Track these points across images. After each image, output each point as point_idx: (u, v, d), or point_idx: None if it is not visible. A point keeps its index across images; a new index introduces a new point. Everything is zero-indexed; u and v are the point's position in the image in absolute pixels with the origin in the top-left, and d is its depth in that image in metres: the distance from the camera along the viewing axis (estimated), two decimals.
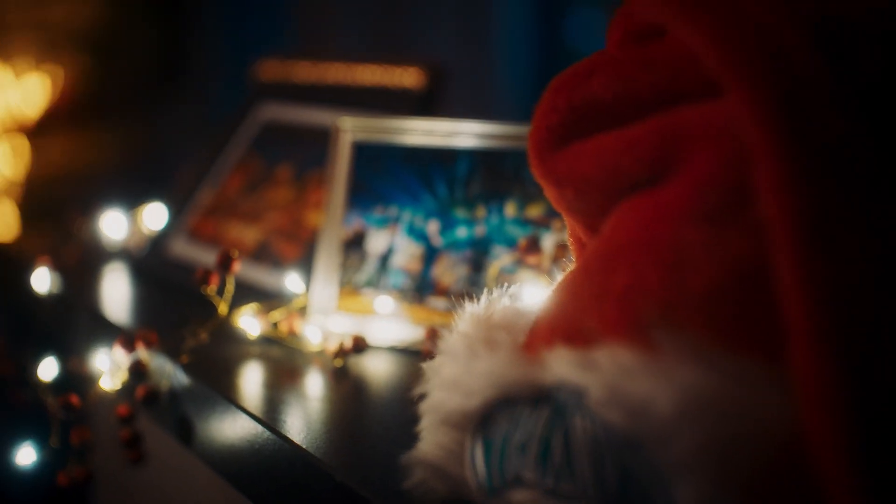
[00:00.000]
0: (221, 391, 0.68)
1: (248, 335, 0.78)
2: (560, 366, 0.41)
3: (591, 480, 0.40)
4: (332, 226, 0.81)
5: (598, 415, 0.39)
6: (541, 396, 0.42)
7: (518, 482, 0.43)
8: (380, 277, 0.79)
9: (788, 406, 0.36)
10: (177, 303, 0.93)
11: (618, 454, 0.39)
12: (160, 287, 0.99)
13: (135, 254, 1.07)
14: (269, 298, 0.84)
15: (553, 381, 0.42)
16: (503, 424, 0.44)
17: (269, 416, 0.63)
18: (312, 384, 0.70)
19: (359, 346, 0.73)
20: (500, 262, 0.75)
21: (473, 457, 0.45)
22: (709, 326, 0.39)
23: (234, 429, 0.65)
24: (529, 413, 0.43)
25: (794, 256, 0.36)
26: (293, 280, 0.81)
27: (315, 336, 0.76)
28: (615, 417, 0.38)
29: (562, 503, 0.41)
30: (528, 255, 0.74)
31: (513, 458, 0.43)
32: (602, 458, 0.39)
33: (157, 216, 1.08)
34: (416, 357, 0.75)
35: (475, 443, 0.45)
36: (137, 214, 1.10)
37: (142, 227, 1.09)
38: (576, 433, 0.40)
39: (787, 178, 0.36)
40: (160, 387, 0.73)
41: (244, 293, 0.85)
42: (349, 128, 0.83)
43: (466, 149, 0.79)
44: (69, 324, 0.97)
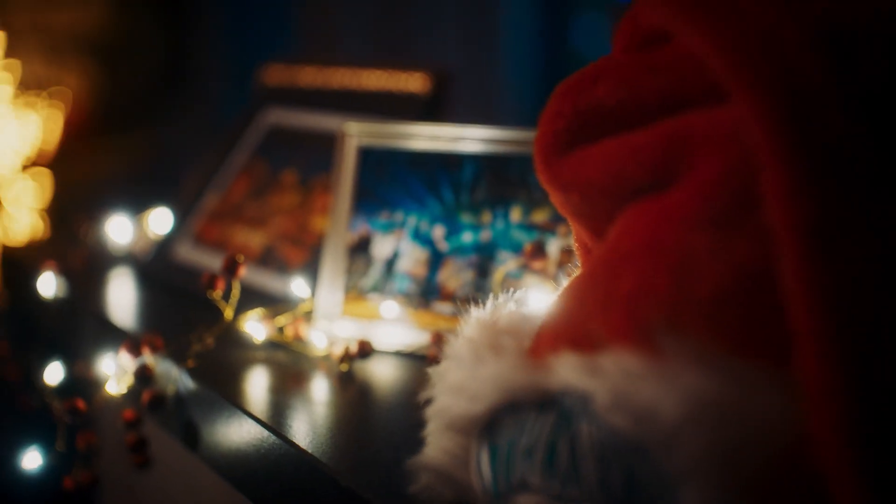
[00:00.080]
0: (227, 396, 0.68)
1: (254, 340, 0.78)
2: (566, 371, 0.41)
3: (597, 485, 0.40)
4: (338, 231, 0.81)
5: (604, 420, 0.39)
6: (546, 401, 0.42)
7: (524, 487, 0.43)
8: (385, 282, 0.79)
9: (794, 410, 0.36)
10: (182, 307, 0.93)
11: (623, 459, 0.39)
12: (166, 292, 0.99)
13: (141, 258, 1.07)
14: (275, 303, 0.84)
15: (559, 386, 0.42)
16: (509, 429, 0.44)
17: (275, 421, 0.63)
18: (318, 389, 0.70)
19: (364, 351, 0.73)
20: (506, 267, 0.75)
21: (479, 462, 0.45)
22: (714, 331, 0.39)
23: (240, 433, 0.65)
24: (535, 418, 0.43)
25: (800, 261, 0.36)
26: (299, 285, 0.81)
27: (321, 341, 0.76)
28: (621, 422, 0.38)
29: None
30: (534, 261, 0.74)
31: (518, 463, 0.43)
32: (608, 463, 0.39)
33: (163, 221, 1.08)
34: (422, 362, 0.75)
35: (481, 448, 0.45)
36: (143, 219, 1.11)
37: (148, 232, 1.10)
38: (581, 438, 0.40)
39: (793, 184, 0.36)
40: (166, 391, 0.73)
41: (250, 298, 0.85)
42: (355, 133, 0.83)
43: (472, 154, 0.79)
44: (75, 328, 0.97)
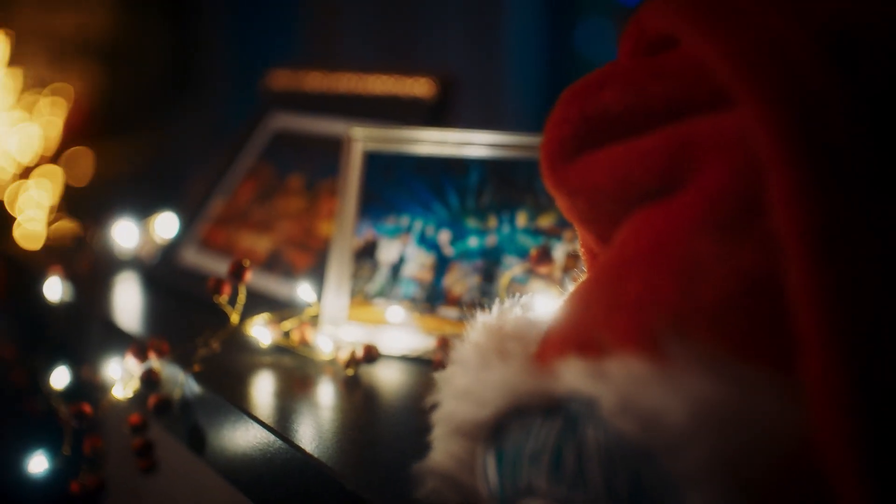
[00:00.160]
0: (233, 400, 0.68)
1: (260, 344, 0.78)
2: (572, 376, 0.41)
3: (603, 490, 0.40)
4: (344, 235, 0.81)
5: (610, 425, 0.39)
6: (553, 406, 0.42)
7: (530, 492, 0.43)
8: (391, 287, 0.79)
9: (799, 416, 0.36)
10: (188, 312, 0.93)
11: (630, 464, 0.39)
12: (172, 296, 0.99)
13: (146, 263, 1.07)
14: (281, 308, 0.84)
15: (565, 391, 0.42)
16: (515, 434, 0.44)
17: (281, 425, 0.63)
18: (324, 393, 0.70)
19: (370, 356, 0.73)
20: (512, 272, 0.76)
21: (486, 466, 0.45)
22: (720, 336, 0.39)
23: (246, 437, 0.65)
24: (541, 423, 0.43)
25: (806, 267, 0.36)
26: (305, 289, 0.81)
27: (327, 345, 0.76)
28: (627, 427, 0.38)
29: None
30: (540, 266, 0.74)
31: (525, 468, 0.43)
32: (614, 468, 0.39)
33: (169, 225, 1.08)
34: (428, 367, 0.75)
35: (487, 452, 0.45)
36: (149, 223, 1.11)
37: (153, 237, 1.10)
38: (588, 443, 0.40)
39: (799, 189, 0.36)
40: (172, 395, 0.74)
41: (256, 302, 0.85)
42: (361, 138, 0.83)
43: (478, 159, 0.79)
44: (81, 333, 0.97)
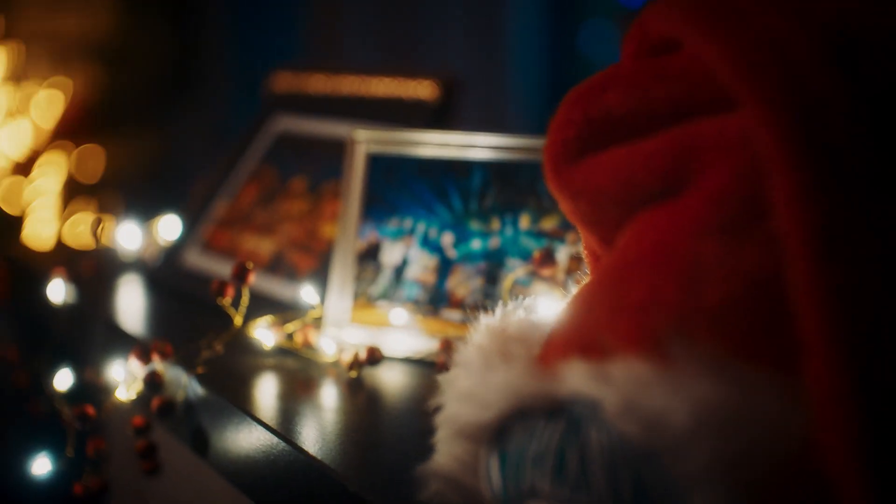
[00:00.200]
0: (236, 402, 0.68)
1: (263, 346, 0.78)
2: (575, 378, 0.41)
3: (607, 492, 0.40)
4: (347, 238, 0.81)
5: (614, 427, 0.39)
6: (556, 409, 0.42)
7: (533, 494, 0.43)
8: (394, 289, 0.79)
9: (802, 418, 0.36)
10: (192, 314, 0.93)
11: (633, 466, 0.39)
12: (175, 298, 0.99)
13: (150, 265, 1.07)
14: (284, 310, 0.84)
15: (568, 394, 0.42)
16: (518, 436, 0.44)
17: (284, 427, 0.63)
18: (327, 395, 0.71)
19: (373, 358, 0.73)
20: (515, 275, 0.76)
21: (489, 469, 0.45)
22: (724, 339, 0.39)
23: (249, 440, 0.65)
24: (545, 425, 0.43)
25: (809, 268, 0.36)
26: (308, 292, 0.81)
27: (330, 347, 0.76)
28: (630, 429, 0.38)
29: None
30: (543, 268, 0.74)
31: (528, 471, 0.43)
32: (617, 470, 0.39)
33: (172, 227, 1.08)
34: (431, 369, 0.75)
35: (490, 455, 0.45)
36: (152, 225, 1.11)
37: (157, 239, 1.10)
38: (591, 445, 0.40)
39: (802, 191, 0.37)
40: (175, 398, 0.74)
41: (259, 305, 0.85)
42: (363, 140, 0.83)
43: (481, 161, 0.79)
44: (85, 335, 0.97)
